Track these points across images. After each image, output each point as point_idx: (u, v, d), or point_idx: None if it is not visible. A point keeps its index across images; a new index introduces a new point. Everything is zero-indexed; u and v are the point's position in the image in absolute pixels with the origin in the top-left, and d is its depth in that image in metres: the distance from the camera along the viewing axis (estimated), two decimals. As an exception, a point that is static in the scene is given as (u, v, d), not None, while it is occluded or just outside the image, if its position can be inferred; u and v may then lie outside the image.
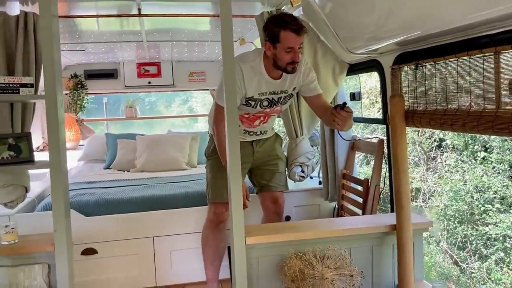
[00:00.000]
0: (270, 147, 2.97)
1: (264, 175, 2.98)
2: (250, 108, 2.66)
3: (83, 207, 3.30)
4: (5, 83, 2.17)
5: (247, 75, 2.52)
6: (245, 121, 2.75)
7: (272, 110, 2.73)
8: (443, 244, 6.77)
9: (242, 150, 2.60)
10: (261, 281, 2.27)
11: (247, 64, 2.54)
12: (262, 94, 2.60)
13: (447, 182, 6.86)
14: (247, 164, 2.89)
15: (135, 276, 3.32)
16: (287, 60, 2.43)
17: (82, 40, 4.14)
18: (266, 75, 2.55)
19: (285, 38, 2.38)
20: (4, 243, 2.24)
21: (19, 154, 2.26)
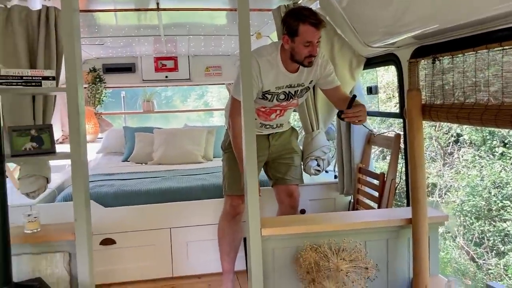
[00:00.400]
0: (286, 141, 2.98)
1: (279, 168, 3.00)
2: (266, 101, 2.68)
3: (102, 198, 3.37)
4: (29, 76, 2.23)
5: (264, 68, 2.54)
6: (262, 115, 2.78)
7: (289, 104, 2.74)
8: (460, 240, 6.72)
9: (258, 144, 2.62)
10: (277, 272, 2.30)
11: (264, 58, 2.56)
12: (279, 87, 2.62)
13: (464, 177, 6.80)
14: (262, 158, 2.91)
15: (152, 266, 3.38)
16: (305, 54, 2.45)
17: (100, 34, 4.21)
18: (283, 69, 2.57)
19: (304, 32, 2.39)
20: (27, 232, 2.31)
21: (41, 145, 2.33)
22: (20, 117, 2.62)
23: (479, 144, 6.85)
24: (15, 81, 2.21)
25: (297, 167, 3.04)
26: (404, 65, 2.62)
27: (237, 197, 2.85)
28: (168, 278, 3.42)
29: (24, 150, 2.28)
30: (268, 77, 2.57)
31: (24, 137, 2.29)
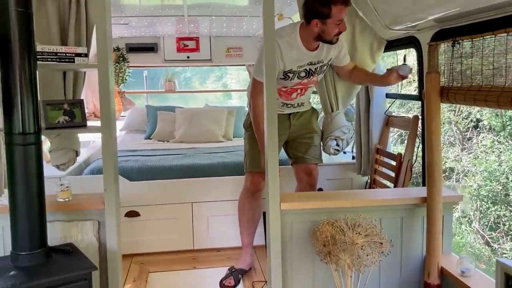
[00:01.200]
0: (307, 120, 3.07)
1: (299, 148, 3.08)
2: (287, 81, 2.76)
3: (127, 172, 3.51)
4: (62, 53, 2.35)
5: (285, 49, 2.63)
6: (283, 94, 2.86)
7: (309, 81, 2.83)
8: (476, 225, 6.74)
9: (279, 123, 2.72)
10: (294, 245, 2.41)
11: (284, 39, 2.65)
12: (300, 66, 2.71)
13: (482, 162, 6.79)
14: (283, 137, 3.00)
15: (174, 239, 3.52)
16: (335, 32, 2.57)
17: (126, 14, 4.29)
18: (303, 48, 2.66)
19: (337, 12, 2.50)
20: (59, 200, 2.45)
21: (73, 119, 2.44)
22: (51, 92, 2.73)
23: (498, 129, 6.81)
24: (50, 57, 2.33)
25: (316, 146, 3.12)
26: (424, 48, 2.66)
27: (257, 175, 2.94)
28: (189, 251, 3.56)
29: (57, 123, 2.40)
30: (289, 57, 2.65)
31: (57, 111, 2.41)
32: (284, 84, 2.80)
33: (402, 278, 2.48)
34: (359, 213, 2.29)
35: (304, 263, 2.42)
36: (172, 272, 3.26)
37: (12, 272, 1.99)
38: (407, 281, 2.48)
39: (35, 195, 2.08)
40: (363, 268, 2.19)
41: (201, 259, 3.46)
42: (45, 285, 1.98)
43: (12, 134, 2.01)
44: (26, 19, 1.99)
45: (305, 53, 2.68)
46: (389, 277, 2.46)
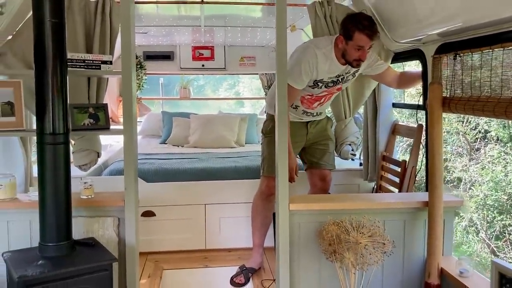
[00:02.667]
0: (322, 128, 3.24)
1: (315, 154, 3.24)
2: (315, 89, 2.92)
3: (144, 174, 3.69)
4: (90, 60, 2.53)
5: (321, 60, 2.79)
6: (305, 102, 3.02)
7: (334, 88, 2.97)
8: (482, 234, 6.79)
9: (298, 130, 2.92)
10: (301, 244, 2.55)
11: (321, 50, 2.81)
12: (331, 77, 2.88)
13: (488, 172, 6.85)
14: (300, 143, 3.16)
15: (187, 238, 3.68)
16: (355, 57, 2.73)
17: (145, 23, 4.49)
18: (336, 61, 2.82)
19: (358, 39, 2.66)
20: (82, 197, 2.62)
21: (97, 122, 2.62)
22: (76, 96, 2.90)
23: (505, 140, 6.87)
24: (78, 64, 2.52)
25: (331, 153, 3.28)
26: (428, 60, 2.79)
27: (273, 179, 3.04)
28: (201, 250, 3.71)
29: (82, 125, 2.57)
30: (323, 68, 2.81)
31: (83, 114, 2.59)
32: (311, 92, 2.95)
33: (404, 277, 2.60)
34: (363, 215, 2.43)
35: (310, 261, 2.56)
36: (185, 270, 3.41)
37: (40, 261, 2.16)
38: (408, 281, 2.60)
39: (63, 191, 2.25)
40: (366, 266, 2.32)
41: (212, 258, 3.61)
42: (70, 274, 2.14)
43: (43, 134, 2.20)
44: (59, 29, 2.18)
45: (337, 65, 2.84)
46: (391, 276, 2.59)
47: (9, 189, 2.58)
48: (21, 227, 2.56)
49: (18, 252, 2.30)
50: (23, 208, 2.55)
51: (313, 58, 2.77)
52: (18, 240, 2.54)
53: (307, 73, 2.79)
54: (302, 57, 2.79)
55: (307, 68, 2.78)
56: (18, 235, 2.56)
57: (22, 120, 2.56)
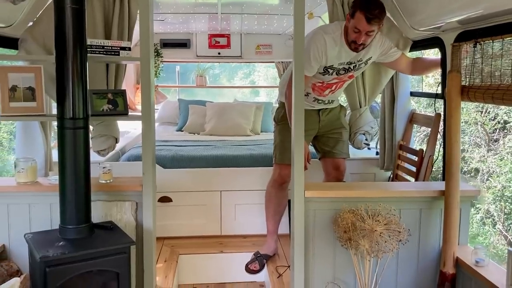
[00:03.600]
0: (335, 117, 3.21)
1: (328, 142, 3.21)
2: (326, 76, 2.88)
3: (161, 160, 3.73)
4: (109, 46, 2.56)
5: (330, 45, 2.75)
6: (316, 90, 2.99)
7: (345, 76, 2.93)
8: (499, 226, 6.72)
9: (309, 118, 2.88)
10: (316, 231, 2.56)
11: (330, 35, 2.77)
12: (341, 63, 2.83)
13: (507, 163, 6.75)
14: (312, 131, 3.14)
15: (203, 224, 3.73)
16: (352, 38, 2.67)
17: (163, 10, 4.51)
18: (346, 47, 2.76)
19: (357, 18, 2.60)
20: (101, 181, 2.67)
21: (116, 108, 2.65)
22: (94, 82, 2.93)
23: (525, 131, 6.77)
24: (98, 50, 2.55)
25: (344, 141, 3.24)
26: (448, 48, 2.76)
27: (286, 167, 3.05)
28: (216, 236, 3.76)
29: (101, 110, 2.61)
30: (333, 53, 2.77)
31: (102, 99, 2.62)
32: (321, 79, 2.91)
33: (419, 266, 2.60)
34: (379, 203, 2.43)
35: (325, 248, 2.57)
36: (201, 255, 3.46)
37: (61, 242, 2.22)
38: (423, 269, 2.60)
39: (82, 174, 2.30)
40: (381, 254, 2.33)
41: (227, 244, 3.65)
42: (90, 255, 2.21)
43: (63, 119, 2.24)
44: (80, 15, 2.21)
45: (347, 51, 2.78)
46: (406, 265, 2.59)
47: (31, 173, 2.64)
48: (42, 209, 2.62)
49: (39, 234, 2.37)
50: (43, 192, 2.61)
51: (321, 43, 2.73)
52: (39, 222, 2.61)
53: (316, 59, 2.76)
54: (311, 43, 2.75)
55: (316, 54, 2.74)
56: (39, 217, 2.62)
57: (42, 105, 2.60)
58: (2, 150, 7.85)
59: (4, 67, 2.56)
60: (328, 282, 2.60)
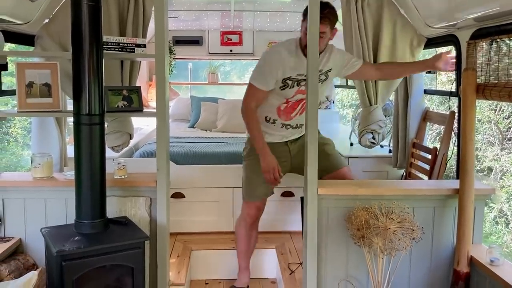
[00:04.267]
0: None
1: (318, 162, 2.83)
2: (287, 90, 2.74)
3: (174, 157, 3.76)
4: (124, 43, 2.58)
5: (285, 56, 2.68)
6: (282, 114, 2.84)
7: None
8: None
9: (276, 148, 2.82)
10: (330, 228, 2.57)
11: (285, 48, 2.71)
12: (300, 74, 2.72)
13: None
14: (285, 163, 2.92)
15: (215, 221, 3.75)
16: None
17: (176, 8, 4.53)
18: (302, 56, 2.68)
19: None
20: (116, 177, 2.70)
21: (130, 104, 2.67)
22: (109, 79, 2.95)
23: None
24: (113, 46, 2.57)
25: (332, 154, 2.99)
26: (463, 46, 2.74)
27: (254, 205, 2.96)
28: (228, 232, 3.76)
29: (117, 107, 2.63)
30: (288, 63, 2.68)
31: (117, 96, 2.64)
32: (285, 95, 2.77)
33: (432, 264, 2.59)
34: (392, 201, 2.43)
35: (338, 246, 2.58)
36: (213, 251, 3.48)
37: (76, 237, 2.25)
38: (437, 268, 2.59)
39: (98, 170, 2.33)
40: (394, 252, 2.33)
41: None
42: (105, 250, 2.23)
43: (80, 115, 2.27)
44: (96, 12, 2.23)
45: (304, 62, 2.64)
46: (419, 263, 2.58)
47: (46, 168, 2.68)
48: (57, 204, 2.66)
49: (55, 228, 2.40)
50: (59, 187, 2.65)
51: (276, 57, 2.66)
52: (54, 216, 2.65)
53: (271, 73, 2.68)
54: (266, 57, 2.71)
55: (271, 68, 2.67)
56: (54, 212, 2.66)
57: (58, 101, 2.64)
58: (16, 145, 7.95)
59: (22, 63, 2.60)
60: (341, 279, 2.60)
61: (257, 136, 2.76)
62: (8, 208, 2.67)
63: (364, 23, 3.11)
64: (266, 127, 2.86)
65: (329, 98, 6.23)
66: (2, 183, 2.66)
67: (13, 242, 2.61)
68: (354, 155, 3.91)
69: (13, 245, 2.60)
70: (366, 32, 3.12)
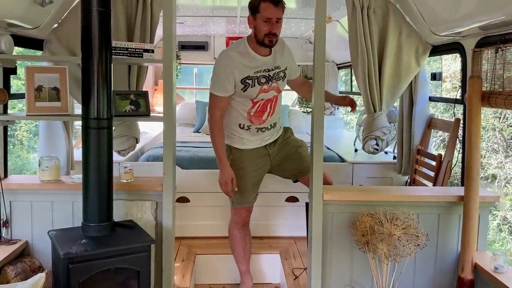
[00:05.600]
0: (283, 142, 2.97)
1: (291, 165, 2.95)
2: (249, 90, 2.70)
3: (180, 161, 3.77)
4: (133, 48, 2.61)
5: (236, 58, 2.66)
6: (254, 120, 2.79)
7: (270, 87, 2.76)
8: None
9: (256, 153, 2.83)
10: (334, 234, 2.58)
11: (232, 50, 2.71)
12: (258, 72, 2.69)
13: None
14: (265, 167, 2.92)
15: (220, 225, 3.74)
16: (265, 31, 2.56)
17: (183, 13, 4.56)
18: (254, 53, 2.67)
19: (264, 8, 2.54)
20: (123, 181, 2.72)
21: (138, 108, 2.69)
22: (117, 83, 2.96)
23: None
24: (122, 52, 2.60)
25: (307, 156, 2.91)
26: (468, 54, 2.76)
27: (243, 209, 2.97)
28: (233, 237, 3.77)
29: (124, 111, 2.65)
30: (241, 63, 2.66)
31: (124, 100, 2.67)
32: (249, 96, 2.73)
33: (437, 271, 2.60)
34: (397, 207, 2.44)
35: (342, 251, 2.59)
36: (218, 256, 3.49)
37: (83, 240, 2.27)
38: (441, 274, 2.60)
39: (105, 174, 2.35)
40: (399, 258, 2.34)
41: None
42: (111, 253, 2.25)
43: (88, 119, 2.29)
44: (105, 17, 2.26)
45: (258, 59, 2.67)
46: (424, 269, 2.59)
47: (54, 171, 2.71)
48: (64, 207, 2.69)
49: (62, 231, 2.42)
50: (66, 190, 2.67)
51: (227, 60, 2.65)
52: (61, 219, 2.67)
53: (226, 78, 2.66)
54: (219, 64, 2.70)
55: (225, 73, 2.65)
56: (61, 215, 2.69)
57: (66, 105, 2.67)
58: (22, 148, 8.00)
59: (31, 67, 2.63)
60: (345, 285, 2.61)
61: (219, 147, 2.73)
62: (16, 211, 2.70)
63: (369, 30, 3.12)
64: (242, 134, 2.81)
65: (333, 104, 6.26)
66: (10, 185, 2.69)
67: (20, 245, 2.64)
68: (358, 161, 3.93)
69: (19, 247, 2.63)
70: (371, 39, 3.13)
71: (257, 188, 2.94)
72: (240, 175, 2.82)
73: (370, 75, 3.14)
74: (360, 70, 3.15)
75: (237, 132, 2.80)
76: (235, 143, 2.83)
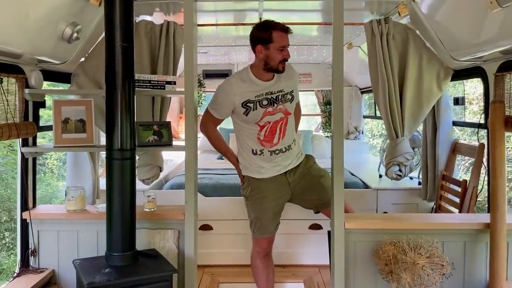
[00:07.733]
0: (305, 170, 2.91)
1: (313, 195, 2.89)
2: (252, 113, 2.70)
3: (203, 189, 3.81)
4: (155, 81, 2.69)
5: (237, 84, 2.71)
6: (265, 143, 2.76)
7: (275, 109, 2.73)
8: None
9: (275, 182, 2.80)
10: (357, 263, 2.55)
11: (234, 76, 2.79)
12: (259, 96, 2.70)
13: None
14: (286, 196, 2.87)
15: (242, 253, 3.73)
16: (280, 59, 2.62)
17: (206, 43, 4.67)
18: (256, 79, 2.71)
19: (277, 37, 2.59)
20: (146, 210, 2.77)
21: (161, 139, 2.76)
22: (141, 114, 3.05)
23: None
24: (145, 84, 2.68)
25: (329, 187, 2.79)
26: (490, 78, 2.73)
27: (265, 240, 2.93)
28: (256, 265, 3.75)
29: (147, 141, 2.72)
30: (242, 88, 2.70)
31: (148, 131, 2.74)
32: (253, 120, 2.72)
33: (465, 301, 2.53)
34: (421, 236, 2.40)
35: (366, 280, 2.55)
36: (241, 284, 3.46)
37: (107, 269, 2.30)
38: (470, 305, 2.52)
39: (128, 204, 2.39)
40: (424, 288, 2.29)
41: (267, 274, 3.63)
42: (134, 282, 2.28)
43: (112, 150, 2.35)
44: (129, 52, 2.34)
45: (259, 84, 2.70)
46: (451, 299, 2.52)
47: (80, 201, 2.77)
48: (89, 236, 2.74)
49: (86, 260, 2.47)
50: (91, 219, 2.73)
51: (228, 87, 2.71)
52: (86, 248, 2.72)
53: (225, 104, 2.71)
54: (220, 89, 2.74)
55: (224, 97, 2.70)
56: (86, 244, 2.74)
57: (92, 136, 2.76)
58: (52, 176, 8.21)
59: (58, 101, 2.73)
60: (370, 315, 2.56)
61: (221, 148, 2.96)
62: (43, 240, 2.77)
63: (389, 56, 3.12)
64: (257, 161, 2.80)
65: (357, 129, 6.24)
66: (38, 215, 2.77)
67: (47, 273, 2.70)
68: (383, 187, 3.87)
69: (46, 276, 2.69)
70: (391, 65, 3.12)
71: (278, 217, 2.91)
72: (260, 204, 2.82)
73: (391, 101, 3.13)
74: (381, 96, 3.15)
75: (252, 160, 2.80)
76: (253, 173, 2.82)
